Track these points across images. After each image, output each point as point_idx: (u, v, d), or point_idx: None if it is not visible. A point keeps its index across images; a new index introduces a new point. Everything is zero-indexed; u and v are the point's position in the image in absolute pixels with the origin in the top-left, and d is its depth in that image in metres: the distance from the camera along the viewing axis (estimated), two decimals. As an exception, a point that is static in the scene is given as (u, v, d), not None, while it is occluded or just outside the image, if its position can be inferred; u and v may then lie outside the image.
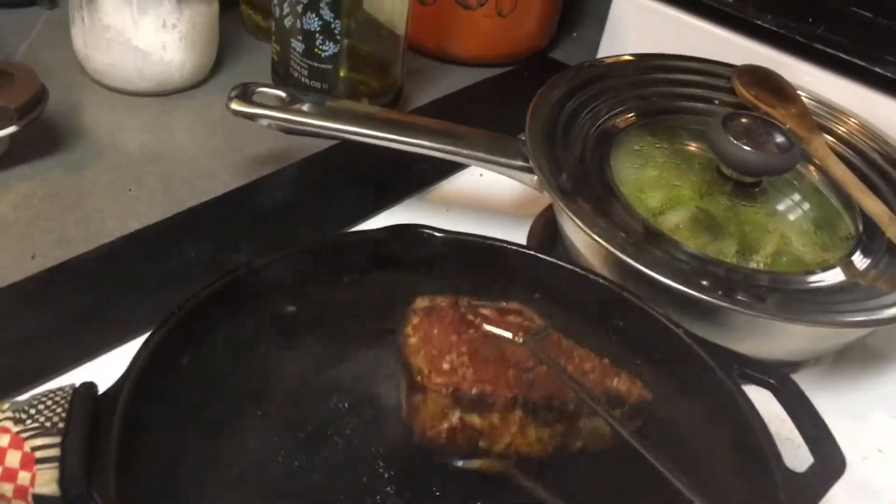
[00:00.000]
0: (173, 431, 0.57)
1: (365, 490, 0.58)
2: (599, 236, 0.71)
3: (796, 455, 0.58)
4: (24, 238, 0.77)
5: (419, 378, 0.58)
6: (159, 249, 0.77)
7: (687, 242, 0.74)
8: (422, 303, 0.64)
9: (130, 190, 0.84)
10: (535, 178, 0.79)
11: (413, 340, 0.61)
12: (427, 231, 0.70)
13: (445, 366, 0.58)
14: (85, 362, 0.66)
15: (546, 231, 0.88)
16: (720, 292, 0.68)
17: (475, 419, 0.58)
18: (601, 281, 0.68)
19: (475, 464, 0.59)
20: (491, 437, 0.59)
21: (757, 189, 0.80)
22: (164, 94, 0.96)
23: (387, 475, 0.59)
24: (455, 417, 0.58)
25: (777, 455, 0.56)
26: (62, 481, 0.46)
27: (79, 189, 0.84)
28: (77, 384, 0.51)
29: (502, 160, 0.81)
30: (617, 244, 0.70)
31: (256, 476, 0.58)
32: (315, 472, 0.59)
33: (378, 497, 0.58)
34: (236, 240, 0.78)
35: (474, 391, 0.57)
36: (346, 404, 0.63)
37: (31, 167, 0.85)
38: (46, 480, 0.46)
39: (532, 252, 0.71)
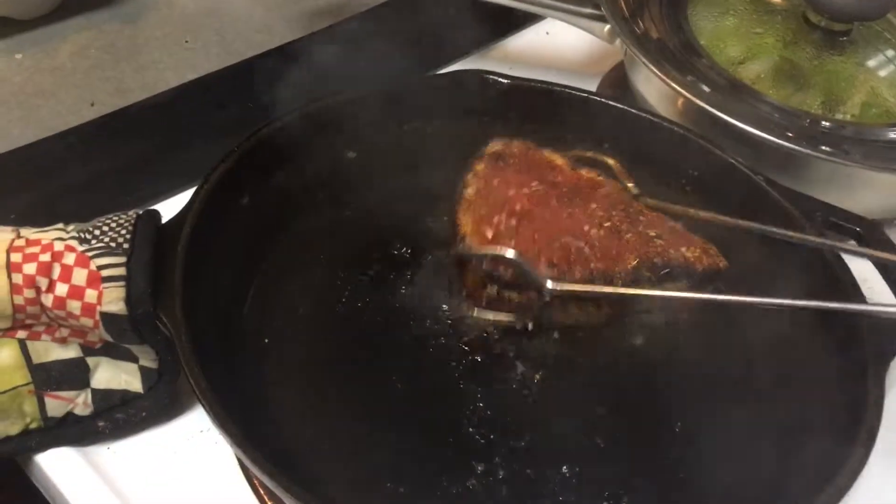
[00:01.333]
0: (237, 267, 0.56)
1: (428, 332, 0.57)
2: (677, 84, 0.66)
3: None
4: (83, 86, 0.76)
5: (461, 244, 0.56)
6: (217, 99, 0.75)
7: (769, 93, 0.70)
8: (494, 147, 0.61)
9: (186, 42, 0.82)
10: (607, 26, 0.74)
11: (469, 191, 0.59)
12: (492, 76, 0.67)
13: (489, 232, 0.56)
14: (144, 206, 0.65)
15: (614, 89, 0.83)
16: (804, 142, 0.64)
17: (513, 295, 0.56)
18: (677, 129, 0.65)
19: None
20: (526, 305, 0.56)
21: (846, 38, 0.75)
22: (217, -54, 0.92)
23: (448, 320, 0.58)
24: (493, 290, 0.56)
25: (861, 300, 0.53)
26: (129, 300, 0.46)
27: (134, 40, 0.82)
28: (140, 210, 0.50)
29: (574, 8, 0.76)
30: (696, 93, 0.66)
31: (320, 315, 0.57)
32: (377, 313, 0.58)
33: (441, 339, 0.57)
34: (294, 92, 0.76)
35: (510, 274, 0.54)
36: (408, 251, 0.62)
37: (86, 19, 0.83)
38: (113, 298, 0.46)
39: (603, 99, 0.67)
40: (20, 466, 0.52)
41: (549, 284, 0.53)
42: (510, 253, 0.53)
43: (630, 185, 0.61)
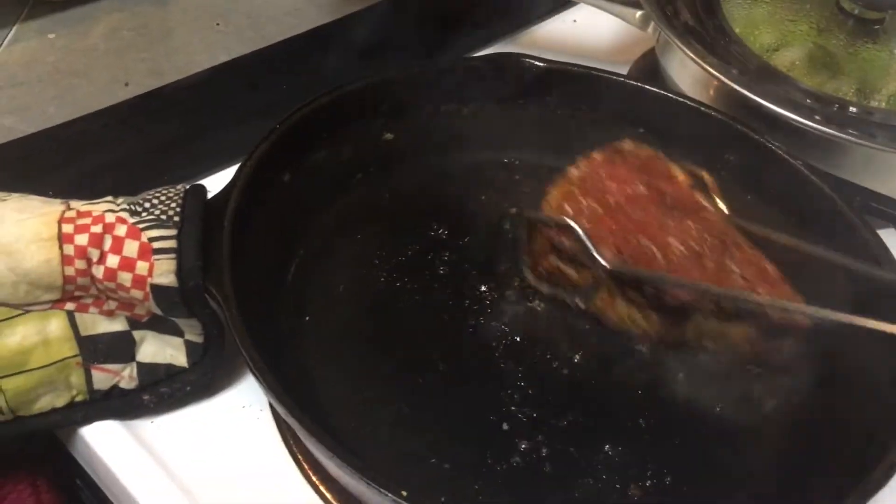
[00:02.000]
0: (279, 244, 0.57)
1: (467, 312, 0.57)
2: (713, 67, 0.66)
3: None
4: (116, 67, 0.76)
5: (543, 205, 0.56)
6: (250, 81, 0.75)
7: (803, 80, 0.70)
8: (622, 144, 0.60)
9: (217, 25, 0.82)
10: (640, 12, 0.74)
11: (573, 171, 0.58)
12: (528, 59, 0.67)
13: (569, 208, 0.55)
14: (206, 176, 0.65)
15: (645, 74, 0.83)
16: (837, 126, 0.64)
17: (570, 271, 0.56)
18: (714, 113, 0.65)
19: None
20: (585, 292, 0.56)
21: (879, 27, 0.74)
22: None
23: (487, 300, 0.58)
24: (552, 260, 0.56)
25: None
26: (180, 272, 0.46)
27: (166, 23, 0.82)
28: (189, 185, 0.50)
29: (606, -6, 0.76)
30: (730, 76, 0.66)
31: (360, 292, 0.58)
32: (416, 292, 0.58)
33: (480, 319, 0.57)
34: (326, 74, 0.76)
35: (570, 245, 0.54)
36: (446, 232, 0.62)
37: (118, 1, 0.83)
38: (164, 271, 0.46)
39: (640, 84, 0.67)
40: (61, 441, 0.52)
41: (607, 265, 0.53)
42: (575, 225, 0.52)
43: (721, 205, 0.59)
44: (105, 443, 0.50)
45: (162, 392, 0.49)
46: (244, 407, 0.53)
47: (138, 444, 0.50)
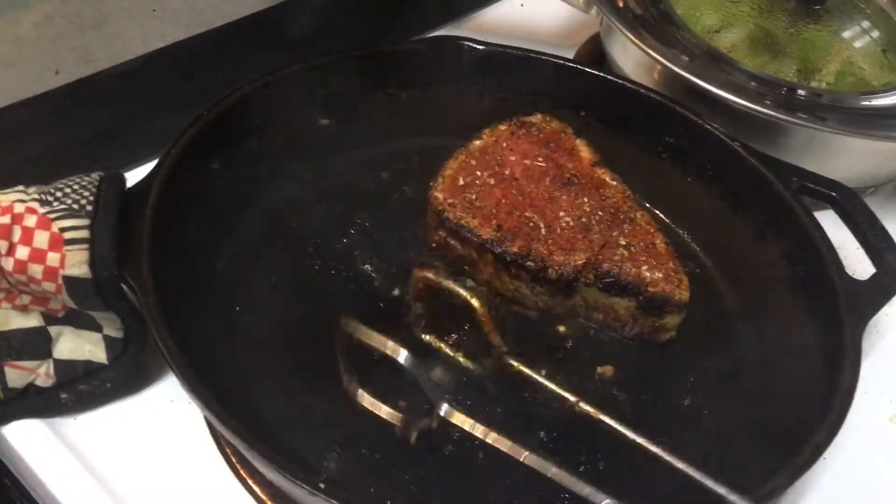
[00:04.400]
0: (208, 232, 0.55)
1: (399, 300, 0.56)
2: (654, 51, 0.66)
3: (856, 272, 0.55)
4: (47, 55, 0.73)
5: (433, 182, 0.57)
6: (186, 69, 0.73)
7: (745, 61, 0.69)
8: (531, 117, 0.61)
9: (154, 10, 0.80)
10: (583, -6, 0.74)
11: (476, 143, 0.59)
12: (468, 43, 0.66)
13: (462, 180, 0.57)
14: (129, 167, 0.63)
15: (590, 61, 0.83)
16: (780, 109, 0.63)
17: (456, 245, 0.57)
18: (654, 95, 0.64)
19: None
20: (472, 268, 0.57)
21: (820, 7, 0.74)
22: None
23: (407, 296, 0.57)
24: (441, 234, 0.57)
25: (837, 262, 0.53)
26: (93, 263, 0.44)
27: (101, 9, 0.80)
28: (105, 172, 0.48)
29: (548, -23, 0.75)
30: (672, 60, 0.66)
31: (292, 282, 0.56)
32: (351, 280, 0.57)
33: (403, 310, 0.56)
34: (264, 61, 0.75)
35: (455, 219, 0.55)
36: (367, 224, 0.60)
37: (50, -13, 0.80)
38: (77, 262, 0.44)
39: (580, 66, 0.66)
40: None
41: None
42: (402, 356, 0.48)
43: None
44: (26, 442, 0.49)
45: (81, 389, 0.48)
46: (172, 401, 0.51)
47: (61, 442, 0.48)
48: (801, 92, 0.67)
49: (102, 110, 0.68)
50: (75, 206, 0.45)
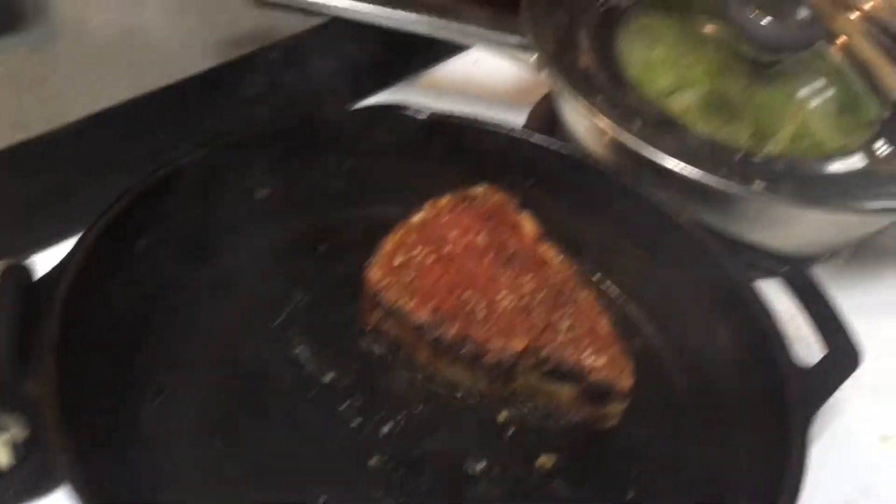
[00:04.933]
0: (128, 319, 0.52)
1: (329, 391, 0.54)
2: (603, 118, 0.64)
3: (808, 353, 0.53)
4: (-22, 121, 0.71)
5: (368, 261, 0.55)
6: (125, 132, 0.71)
7: (697, 125, 0.68)
8: (474, 189, 0.60)
9: (95, 71, 0.78)
10: (533, 57, 0.72)
11: (416, 217, 0.58)
12: (410, 111, 0.64)
13: (398, 259, 0.55)
14: (42, 250, 0.61)
15: (543, 122, 0.81)
16: (734, 178, 0.62)
17: (392, 327, 0.55)
18: (598, 164, 0.63)
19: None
20: (409, 350, 0.55)
21: (775, 70, 0.73)
22: (134, -32, 0.89)
23: (343, 384, 0.55)
24: (377, 316, 0.55)
25: (784, 348, 0.51)
26: (-12, 368, 0.42)
27: (40, 69, 0.78)
28: (6, 264, 0.46)
29: (499, 37, 0.74)
30: (622, 127, 0.64)
31: (221, 369, 0.54)
32: (282, 366, 0.55)
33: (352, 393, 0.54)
34: (209, 123, 0.73)
35: (389, 301, 0.53)
36: (305, 301, 0.58)
37: (-9, 46, 0.78)
38: (-29, 367, 0.42)
39: (522, 134, 0.65)
40: None
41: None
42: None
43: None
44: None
45: (-19, 495, 0.45)
46: None
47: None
48: (753, 159, 0.66)
49: (34, 179, 0.66)
50: (-28, 305, 0.42)
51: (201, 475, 0.48)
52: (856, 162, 0.67)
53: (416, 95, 0.81)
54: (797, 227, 0.66)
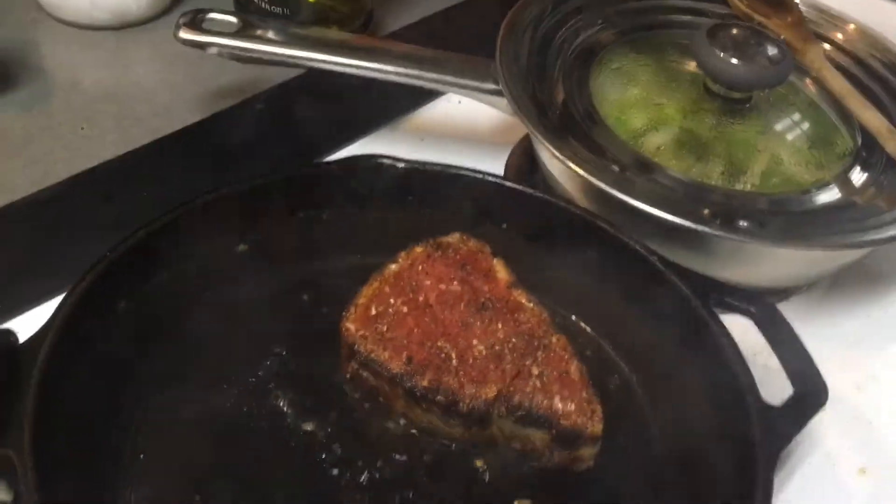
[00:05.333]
0: (111, 381, 0.54)
1: (309, 440, 0.55)
2: (573, 162, 0.65)
3: (778, 387, 0.54)
4: (-35, 187, 0.73)
5: (345, 312, 0.57)
6: (109, 191, 0.73)
7: (670, 164, 0.69)
8: (448, 237, 0.61)
9: (82, 129, 0.80)
10: (507, 101, 0.74)
11: (392, 267, 0.59)
12: (387, 161, 0.66)
13: (374, 310, 0.56)
14: (24, 312, 0.62)
15: (525, 160, 0.82)
16: (715, 220, 0.62)
17: (369, 377, 0.56)
18: (570, 208, 0.64)
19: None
20: (387, 399, 0.56)
21: (747, 105, 0.74)
22: (120, 27, 0.91)
23: (322, 433, 0.55)
24: (353, 366, 0.56)
25: (752, 388, 0.52)
26: (-32, 437, 0.43)
27: (27, 130, 0.80)
28: (-12, 331, 0.47)
29: (473, 84, 0.75)
30: (593, 172, 0.65)
31: (202, 424, 0.55)
32: (263, 418, 0.56)
33: (323, 455, 0.55)
34: (194, 178, 0.74)
35: (365, 352, 0.55)
36: (285, 351, 0.59)
37: (-21, 109, 0.80)
38: (-50, 437, 0.43)
39: (495, 179, 0.66)
40: None
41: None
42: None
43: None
44: None
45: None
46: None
47: None
48: (724, 198, 0.67)
49: (18, 241, 0.67)
50: (-49, 376, 0.44)
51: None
52: (832, 194, 0.68)
53: (402, 138, 0.83)
54: (776, 264, 0.67)
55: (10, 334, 0.48)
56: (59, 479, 0.44)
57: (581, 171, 0.65)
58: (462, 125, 0.87)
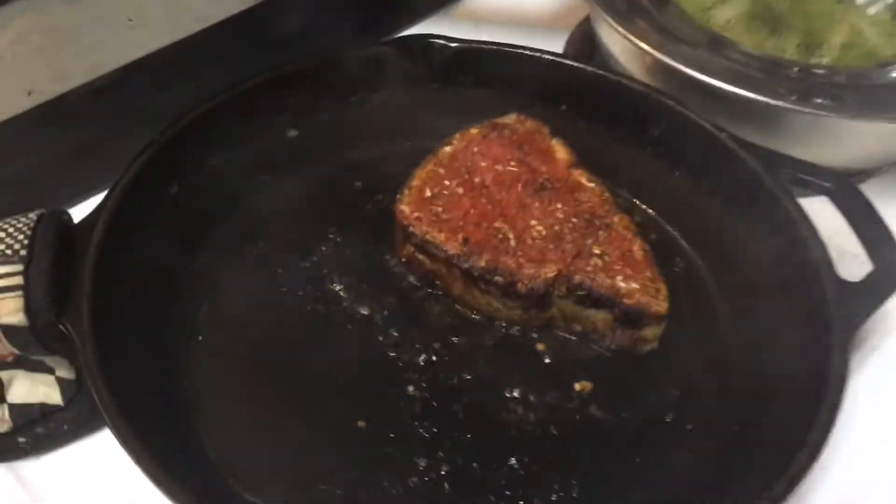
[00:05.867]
0: (168, 260, 0.54)
1: (365, 323, 0.54)
2: (641, 40, 0.61)
3: (855, 271, 0.51)
4: (22, 74, 0.72)
5: (399, 195, 0.55)
6: (163, 79, 0.71)
7: (742, 39, 0.65)
8: (505, 118, 0.59)
9: (131, 20, 0.78)
10: (568, -23, 0.70)
11: (446, 149, 0.57)
12: (440, 41, 0.63)
13: (429, 191, 0.54)
14: (86, 199, 0.62)
15: (583, 46, 0.78)
16: (792, 96, 0.58)
17: (425, 260, 0.54)
18: (636, 86, 0.60)
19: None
20: (444, 282, 0.55)
21: (825, -27, 0.69)
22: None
23: (379, 317, 0.55)
24: (409, 249, 0.55)
25: (827, 263, 0.49)
26: (28, 310, 0.43)
27: (77, 21, 0.78)
28: (44, 211, 0.47)
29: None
30: (661, 48, 0.61)
31: (260, 306, 0.55)
32: (319, 301, 0.55)
33: (380, 337, 0.54)
34: (246, 66, 0.72)
35: (420, 233, 0.53)
36: (339, 238, 0.58)
37: (28, 1, 0.79)
38: (12, 310, 0.43)
39: (556, 57, 0.63)
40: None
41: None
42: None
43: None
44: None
45: (38, 433, 0.47)
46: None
47: (21, 487, 0.48)
48: (809, 72, 0.62)
49: (74, 131, 0.67)
50: (8, 252, 0.44)
51: (243, 411, 0.49)
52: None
53: (455, 25, 0.80)
54: (854, 141, 0.63)
55: (63, 213, 0.48)
56: (116, 359, 0.44)
57: (649, 48, 0.61)
58: (516, 11, 0.83)
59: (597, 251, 0.52)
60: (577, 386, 0.51)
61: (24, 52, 0.74)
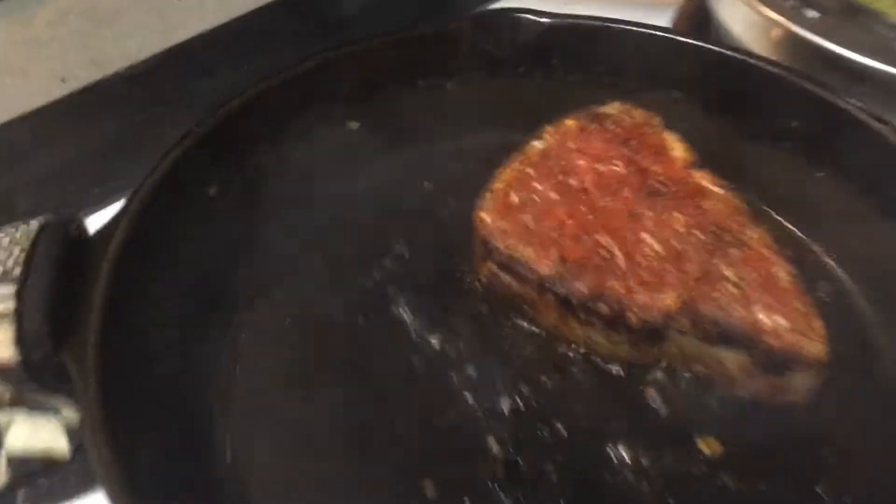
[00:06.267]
0: (193, 280, 0.45)
1: (436, 357, 0.45)
2: (771, 9, 0.51)
3: None
4: (56, 59, 0.65)
5: (478, 200, 0.46)
6: (207, 64, 0.64)
7: (891, 11, 0.53)
8: (607, 107, 0.49)
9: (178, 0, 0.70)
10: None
11: (537, 144, 0.48)
12: (527, 16, 0.53)
13: (515, 197, 0.45)
14: (121, 197, 0.54)
15: (694, 21, 0.68)
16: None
17: (511, 281, 0.44)
18: (771, 67, 0.49)
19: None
20: (534, 308, 0.45)
21: None
22: None
23: (453, 349, 0.45)
24: (491, 267, 0.45)
25: None
26: (21, 342, 0.35)
27: (119, 2, 0.71)
28: (46, 218, 0.39)
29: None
30: (795, 19, 0.51)
31: (307, 335, 0.46)
32: (382, 328, 0.46)
33: (453, 375, 0.44)
34: (302, 49, 0.64)
35: (505, 249, 0.43)
36: (406, 251, 0.49)
37: (68, -21, 0.72)
38: (2, 341, 0.35)
39: (667, 33, 0.52)
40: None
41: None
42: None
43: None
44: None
45: (40, 485, 0.39)
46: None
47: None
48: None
49: (110, 120, 0.60)
50: (1, 269, 0.36)
51: (287, 467, 0.40)
52: None
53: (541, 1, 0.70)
54: None
55: (71, 222, 0.39)
56: (129, 405, 0.36)
57: (781, 18, 0.50)
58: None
59: (728, 274, 0.41)
60: (703, 446, 0.41)
61: (60, 34, 0.67)
